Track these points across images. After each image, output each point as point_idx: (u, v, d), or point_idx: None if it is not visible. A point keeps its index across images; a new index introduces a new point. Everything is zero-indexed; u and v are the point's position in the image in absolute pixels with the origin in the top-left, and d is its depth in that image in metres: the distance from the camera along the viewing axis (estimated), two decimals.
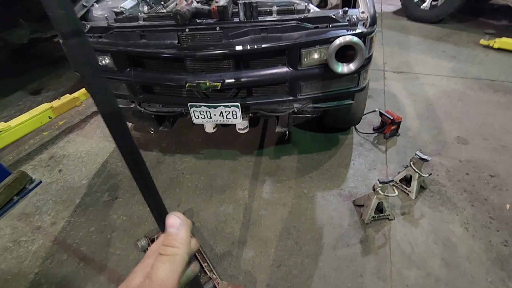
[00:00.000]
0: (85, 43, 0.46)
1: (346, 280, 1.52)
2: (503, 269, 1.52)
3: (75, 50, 0.45)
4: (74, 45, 0.45)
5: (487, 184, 1.97)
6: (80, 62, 0.46)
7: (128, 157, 0.59)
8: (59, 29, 0.43)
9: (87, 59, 0.47)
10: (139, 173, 0.61)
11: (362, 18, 1.49)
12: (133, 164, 0.59)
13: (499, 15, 4.82)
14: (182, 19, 1.47)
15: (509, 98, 2.79)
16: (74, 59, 0.46)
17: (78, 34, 0.44)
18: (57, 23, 0.43)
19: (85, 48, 0.46)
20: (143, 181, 0.63)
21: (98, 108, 0.53)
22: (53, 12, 0.42)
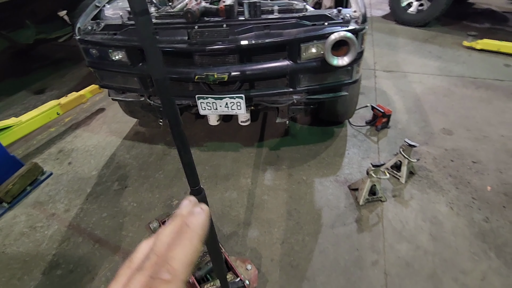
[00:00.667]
0: (149, 20, 0.61)
1: (344, 254, 1.67)
2: (485, 242, 1.69)
3: (143, 24, 0.60)
4: (142, 20, 0.59)
5: (470, 169, 2.15)
6: (144, 34, 0.61)
7: (171, 117, 0.74)
8: (133, 9, 0.58)
9: (149, 32, 0.62)
10: (178, 132, 0.76)
11: (355, 16, 1.66)
12: (174, 123, 0.74)
13: (481, 18, 5.11)
14: (192, 17, 1.62)
15: (490, 93, 3.00)
16: (141, 32, 0.61)
17: (145, 13, 0.59)
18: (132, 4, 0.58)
19: (149, 24, 0.61)
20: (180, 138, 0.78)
21: (152, 74, 0.68)
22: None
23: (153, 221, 1.81)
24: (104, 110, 3.13)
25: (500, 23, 4.92)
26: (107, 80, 1.98)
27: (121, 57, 1.80)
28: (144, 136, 2.70)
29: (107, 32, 1.79)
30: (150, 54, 0.64)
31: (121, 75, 1.90)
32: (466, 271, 1.55)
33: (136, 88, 1.94)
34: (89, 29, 1.83)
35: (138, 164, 2.39)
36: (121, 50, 1.76)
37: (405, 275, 1.55)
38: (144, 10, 0.58)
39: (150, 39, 0.62)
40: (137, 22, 0.59)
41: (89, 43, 1.80)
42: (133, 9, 0.57)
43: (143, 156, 2.47)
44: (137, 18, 0.58)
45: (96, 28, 1.82)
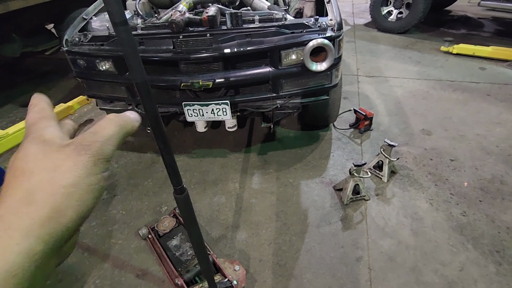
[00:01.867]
0: (128, 30, 0.67)
1: (329, 252, 1.72)
2: (462, 234, 1.77)
3: (122, 34, 0.66)
4: (122, 30, 0.65)
5: (448, 167, 2.25)
6: (125, 42, 0.67)
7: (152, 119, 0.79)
8: (113, 19, 0.64)
9: (129, 41, 0.68)
10: (159, 132, 0.81)
11: (331, 24, 1.76)
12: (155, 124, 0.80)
13: (458, 25, 5.36)
14: (177, 27, 1.69)
15: (466, 95, 3.15)
16: (121, 40, 0.67)
17: (124, 24, 0.65)
18: (112, 16, 0.63)
19: (129, 33, 0.67)
20: (162, 140, 0.83)
21: (133, 78, 0.73)
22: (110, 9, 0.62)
23: (142, 228, 1.83)
24: (92, 120, 3.14)
25: (475, 28, 5.17)
26: (94, 90, 2.02)
27: (108, 67, 1.85)
28: (133, 145, 2.72)
29: (94, 43, 1.84)
30: (130, 60, 0.69)
31: (109, 85, 1.94)
32: (445, 263, 1.62)
33: (124, 97, 1.99)
34: (77, 40, 1.87)
35: (127, 173, 2.41)
36: (108, 60, 1.81)
37: (388, 269, 1.61)
38: (123, 21, 0.63)
39: (130, 46, 0.68)
40: (117, 31, 0.65)
41: (76, 54, 1.84)
42: (113, 20, 0.63)
43: (132, 164, 2.49)
44: (117, 28, 0.64)
45: (83, 39, 1.87)
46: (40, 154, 0.27)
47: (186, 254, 1.64)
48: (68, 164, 0.27)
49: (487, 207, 1.92)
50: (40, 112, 0.33)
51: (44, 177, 0.26)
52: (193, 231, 1.04)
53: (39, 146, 0.28)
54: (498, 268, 1.59)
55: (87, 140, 0.29)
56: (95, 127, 0.31)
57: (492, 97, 3.09)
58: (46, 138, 0.29)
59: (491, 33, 4.96)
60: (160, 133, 0.79)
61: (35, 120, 0.31)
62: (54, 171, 0.26)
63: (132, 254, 1.77)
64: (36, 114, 0.32)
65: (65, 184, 0.26)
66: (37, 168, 0.26)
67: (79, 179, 0.27)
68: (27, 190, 0.25)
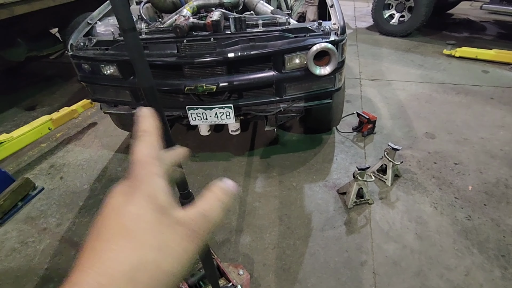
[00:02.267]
0: (136, 36, 0.67)
1: (334, 256, 1.71)
2: (467, 239, 1.76)
3: (130, 40, 0.66)
4: (130, 36, 0.66)
5: (452, 170, 2.24)
6: (133, 48, 0.68)
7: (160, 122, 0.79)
8: (122, 26, 0.64)
9: (137, 46, 0.68)
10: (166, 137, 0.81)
11: (334, 29, 1.77)
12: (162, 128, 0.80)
13: (460, 28, 5.37)
14: (181, 32, 1.70)
15: (469, 98, 3.15)
16: (129, 46, 0.67)
17: (133, 30, 0.66)
18: (121, 22, 0.64)
19: (137, 39, 0.67)
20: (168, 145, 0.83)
21: (140, 83, 0.73)
22: (119, 15, 0.63)
23: None
24: (96, 124, 3.16)
25: (477, 32, 5.18)
26: (99, 94, 2.03)
27: (113, 71, 1.86)
28: None
29: (99, 48, 1.85)
30: (137, 65, 0.70)
31: (113, 89, 1.96)
32: (451, 267, 1.60)
33: (128, 101, 2.00)
34: (82, 45, 1.89)
35: None
36: (112, 65, 1.82)
37: (393, 274, 1.60)
38: (132, 27, 0.64)
39: (137, 51, 0.68)
40: (125, 37, 0.65)
41: (81, 58, 1.86)
42: (121, 27, 0.64)
43: None
44: (126, 34, 0.64)
45: (88, 44, 1.89)
46: (154, 223, 0.26)
47: None
48: (178, 250, 0.26)
49: (492, 211, 1.91)
50: (151, 146, 0.32)
51: (152, 256, 0.25)
52: None
53: (154, 213, 0.27)
54: (503, 273, 1.57)
55: (199, 225, 0.28)
56: (205, 206, 0.30)
57: (496, 100, 3.08)
58: (161, 203, 0.28)
59: (493, 36, 4.96)
60: (167, 138, 0.79)
61: (146, 158, 0.31)
62: (162, 251, 0.25)
63: None
64: (146, 149, 0.32)
65: (169, 270, 0.25)
66: (147, 240, 0.25)
67: (182, 268, 0.26)
68: (132, 266, 0.24)
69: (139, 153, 0.31)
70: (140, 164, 0.30)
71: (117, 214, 0.27)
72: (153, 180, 0.29)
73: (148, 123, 0.34)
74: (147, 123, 0.34)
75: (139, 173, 0.30)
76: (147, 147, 0.32)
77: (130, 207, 0.27)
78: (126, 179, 0.30)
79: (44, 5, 3.08)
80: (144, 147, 0.32)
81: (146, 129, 0.33)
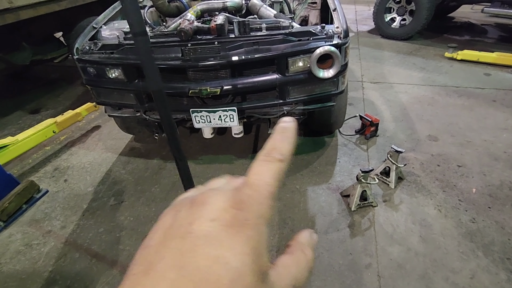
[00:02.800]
0: (147, 40, 0.69)
1: (338, 258, 1.71)
2: (472, 241, 1.75)
3: (141, 44, 0.68)
4: (141, 40, 0.67)
5: (455, 173, 2.24)
6: (143, 51, 0.69)
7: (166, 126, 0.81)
8: (133, 30, 0.66)
9: (147, 50, 0.69)
10: (174, 139, 0.83)
11: (337, 32, 1.78)
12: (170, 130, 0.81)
13: (461, 31, 5.38)
14: (186, 35, 1.72)
15: (472, 101, 3.15)
16: (139, 50, 0.68)
17: (144, 34, 0.67)
18: (132, 26, 0.65)
19: (147, 43, 0.69)
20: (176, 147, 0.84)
21: (149, 86, 0.75)
22: (130, 19, 0.64)
23: None
24: (100, 127, 3.18)
25: (479, 35, 5.19)
26: (103, 97, 2.05)
27: (118, 75, 1.88)
28: (140, 152, 2.74)
29: (104, 52, 1.87)
30: (147, 69, 0.71)
31: (118, 92, 1.97)
32: (456, 270, 1.60)
33: (132, 104, 2.02)
34: (87, 49, 1.91)
35: (134, 179, 2.42)
36: (117, 68, 1.84)
37: (398, 277, 1.59)
38: (143, 31, 0.65)
39: (148, 56, 0.69)
40: (136, 41, 0.67)
41: (87, 62, 1.88)
42: (132, 31, 0.65)
43: (139, 171, 2.51)
44: (136, 38, 0.65)
45: (93, 48, 1.91)
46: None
47: None
48: None
49: (497, 214, 1.90)
50: (276, 175, 0.25)
51: None
52: None
53: (255, 277, 0.20)
54: (509, 276, 1.56)
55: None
56: (296, 274, 0.25)
57: (498, 103, 3.08)
58: (263, 265, 0.21)
59: (494, 39, 4.97)
60: (174, 140, 0.80)
61: (265, 189, 0.24)
62: None
63: None
64: (270, 178, 0.24)
65: None
66: None
67: None
68: None
69: (259, 177, 0.24)
70: (257, 191, 0.23)
71: (206, 253, 0.19)
72: (263, 227, 0.22)
73: (285, 142, 0.27)
74: (284, 143, 0.27)
75: (249, 205, 0.22)
76: (272, 175, 0.24)
77: (231, 256, 0.20)
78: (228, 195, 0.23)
79: (49, 9, 3.11)
80: (268, 173, 0.24)
81: (280, 149, 0.26)
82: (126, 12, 0.59)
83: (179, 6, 2.48)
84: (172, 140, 0.76)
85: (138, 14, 0.61)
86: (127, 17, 0.61)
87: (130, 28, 0.62)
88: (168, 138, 0.76)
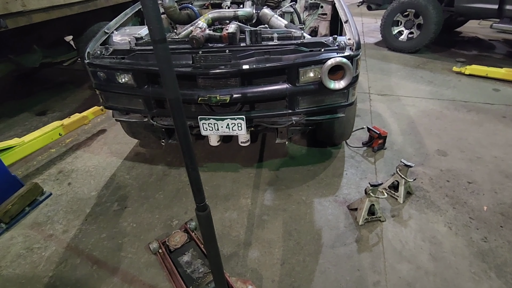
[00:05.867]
0: (166, 48, 0.67)
1: (345, 274, 1.66)
2: (484, 262, 1.69)
3: (160, 51, 0.66)
4: (160, 48, 0.66)
5: (465, 189, 2.19)
6: (162, 59, 0.67)
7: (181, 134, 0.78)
8: (153, 37, 0.64)
9: (166, 58, 0.68)
10: (187, 148, 0.80)
11: (349, 44, 1.77)
12: (184, 140, 0.79)
13: (469, 46, 5.38)
14: (197, 43, 1.71)
15: (481, 116, 3.12)
16: (159, 57, 0.67)
17: (163, 42, 0.65)
18: (152, 33, 0.64)
19: (166, 51, 0.67)
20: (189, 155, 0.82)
21: (167, 94, 0.73)
22: (151, 26, 0.63)
23: (153, 242, 1.80)
24: (105, 131, 3.18)
25: (487, 50, 5.18)
26: (112, 101, 2.04)
27: (127, 80, 1.87)
28: (145, 157, 2.73)
29: (115, 56, 1.87)
30: (165, 77, 0.69)
31: (126, 97, 1.97)
32: None
33: (140, 109, 2.01)
34: (98, 53, 1.91)
35: (138, 185, 2.40)
36: (128, 73, 1.84)
37: None
38: (163, 39, 0.64)
39: (167, 62, 0.68)
40: (155, 48, 0.65)
41: (98, 66, 1.88)
42: (152, 37, 0.63)
43: (143, 176, 2.49)
44: (156, 45, 0.64)
45: (104, 52, 1.91)
46: None
47: (197, 272, 1.60)
48: None
49: (509, 233, 1.85)
50: None
51: None
52: (212, 249, 1.01)
53: None
54: None
55: None
56: None
57: (508, 119, 3.05)
58: None
59: (503, 55, 4.96)
60: (188, 149, 0.78)
61: None
62: None
63: (142, 269, 1.73)
64: None
65: None
66: None
67: None
68: None
69: None
70: None
71: None
72: None
73: None
74: None
75: None
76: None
77: None
78: None
79: (62, 13, 3.15)
80: None
81: None
82: (147, 18, 0.58)
83: (190, 14, 2.50)
84: (186, 150, 0.73)
85: (159, 22, 0.60)
86: (148, 24, 0.60)
87: (150, 35, 0.60)
88: (182, 147, 0.74)
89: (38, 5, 2.92)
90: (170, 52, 0.64)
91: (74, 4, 3.30)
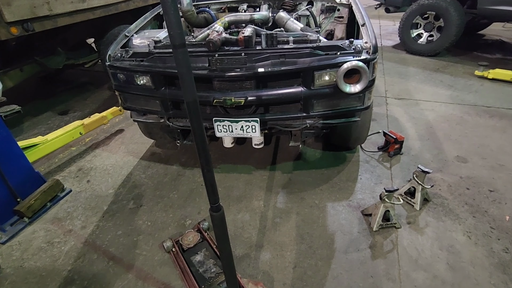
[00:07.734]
0: (186, 53, 0.69)
1: (358, 281, 1.63)
2: (505, 273, 1.63)
3: (180, 56, 0.68)
4: (180, 52, 0.68)
5: (486, 198, 2.11)
6: (181, 63, 0.69)
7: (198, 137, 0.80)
8: (173, 42, 0.66)
9: (186, 62, 0.70)
10: (203, 150, 0.82)
11: (366, 47, 1.75)
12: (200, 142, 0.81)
13: (493, 49, 5.19)
14: (214, 46, 1.74)
15: (504, 122, 3.00)
16: (178, 62, 0.69)
17: (183, 46, 0.67)
18: (172, 38, 0.66)
19: (186, 55, 0.69)
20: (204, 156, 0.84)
21: (185, 97, 0.75)
22: (172, 31, 0.65)
23: (167, 240, 1.84)
24: (123, 131, 3.27)
25: (511, 53, 4.98)
26: (130, 102, 2.11)
27: (146, 82, 1.93)
28: (160, 157, 2.79)
29: (135, 59, 1.93)
30: (184, 80, 0.71)
31: (144, 98, 2.02)
32: None
33: (157, 110, 2.06)
34: (119, 56, 1.98)
35: (154, 184, 2.45)
36: (146, 75, 1.89)
37: None
38: (182, 43, 0.66)
39: (186, 66, 0.70)
40: (175, 53, 0.67)
41: (118, 68, 1.94)
42: (173, 42, 0.65)
43: (158, 176, 2.54)
44: (176, 50, 0.66)
45: (125, 55, 1.98)
46: None
47: (209, 271, 1.62)
48: None
49: None
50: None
51: None
52: (225, 249, 1.03)
53: None
54: None
55: None
56: None
57: None
58: None
59: None
60: (204, 151, 0.80)
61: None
62: None
63: (155, 267, 1.77)
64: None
65: None
66: None
67: None
68: None
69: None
70: None
71: None
72: None
73: None
74: None
75: None
76: None
77: None
78: None
79: (85, 17, 3.28)
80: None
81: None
82: (168, 23, 0.60)
83: (207, 17, 2.54)
84: (201, 151, 0.75)
85: (180, 27, 0.62)
86: (168, 29, 0.62)
87: (171, 40, 0.62)
88: (198, 148, 0.76)
89: (63, 10, 3.05)
90: (188, 56, 0.66)
91: (96, 8, 3.43)
